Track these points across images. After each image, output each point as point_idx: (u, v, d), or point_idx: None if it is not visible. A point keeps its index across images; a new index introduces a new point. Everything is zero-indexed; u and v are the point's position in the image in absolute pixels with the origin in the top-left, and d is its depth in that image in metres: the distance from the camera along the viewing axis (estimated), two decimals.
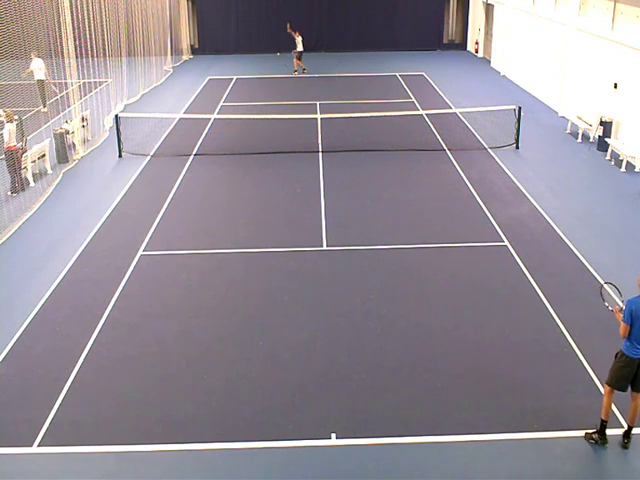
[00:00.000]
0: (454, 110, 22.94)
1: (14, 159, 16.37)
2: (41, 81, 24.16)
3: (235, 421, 8.65)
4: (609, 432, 8.25)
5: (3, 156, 17.01)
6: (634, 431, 8.31)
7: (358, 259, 13.01)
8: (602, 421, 8.14)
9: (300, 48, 30.94)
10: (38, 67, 23.89)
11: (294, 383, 9.37)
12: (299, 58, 31.04)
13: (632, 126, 18.55)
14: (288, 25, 31.53)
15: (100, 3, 23.76)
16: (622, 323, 7.89)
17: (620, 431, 8.33)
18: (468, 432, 8.38)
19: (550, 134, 21.31)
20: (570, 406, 8.82)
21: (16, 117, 17.72)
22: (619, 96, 19.38)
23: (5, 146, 16.42)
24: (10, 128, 16.38)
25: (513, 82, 28.93)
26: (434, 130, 21.59)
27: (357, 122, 22.11)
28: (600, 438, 8.15)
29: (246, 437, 8.37)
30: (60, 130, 18.83)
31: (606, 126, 19.23)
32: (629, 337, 7.84)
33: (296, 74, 30.89)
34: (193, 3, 36.80)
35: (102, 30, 23.92)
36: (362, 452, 8.10)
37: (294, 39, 30.80)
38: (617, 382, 7.99)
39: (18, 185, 16.56)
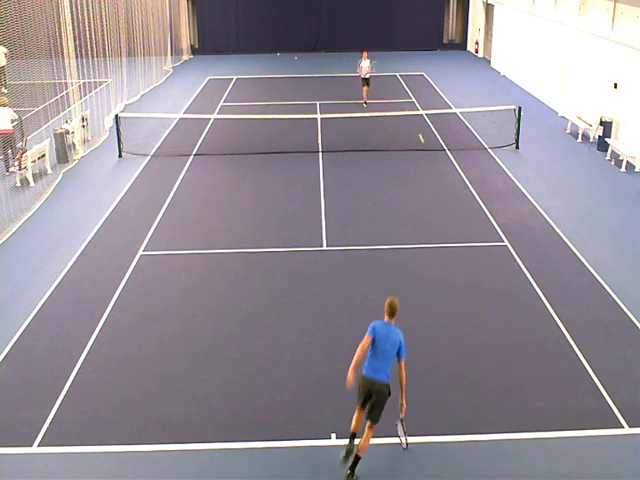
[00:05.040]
0: (454, 110, 22.94)
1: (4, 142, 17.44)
2: (2, 67, 26.42)
3: (235, 421, 8.66)
4: (612, 432, 8.32)
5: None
6: (632, 431, 8.32)
7: (358, 259, 13.00)
8: (351, 433, 7.82)
9: (363, 72, 24.77)
10: (3, 52, 26.09)
11: (294, 383, 9.38)
12: (364, 85, 24.96)
13: (632, 126, 18.55)
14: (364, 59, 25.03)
15: (100, 3, 23.76)
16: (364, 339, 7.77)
17: (619, 431, 8.35)
18: (468, 432, 8.39)
19: (550, 134, 21.30)
20: (570, 406, 8.82)
21: (16, 116, 17.84)
22: (619, 96, 19.38)
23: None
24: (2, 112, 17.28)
25: (513, 82, 28.93)
26: (434, 130, 21.59)
27: (357, 122, 22.10)
28: (347, 453, 7.69)
29: (246, 437, 8.37)
30: (60, 130, 18.83)
31: (606, 126, 19.22)
32: (369, 356, 7.77)
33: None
34: (193, 3, 36.80)
35: (102, 30, 23.92)
36: None
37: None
38: (358, 398, 7.81)
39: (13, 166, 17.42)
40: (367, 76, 24.66)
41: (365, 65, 24.62)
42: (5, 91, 25.95)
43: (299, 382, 9.40)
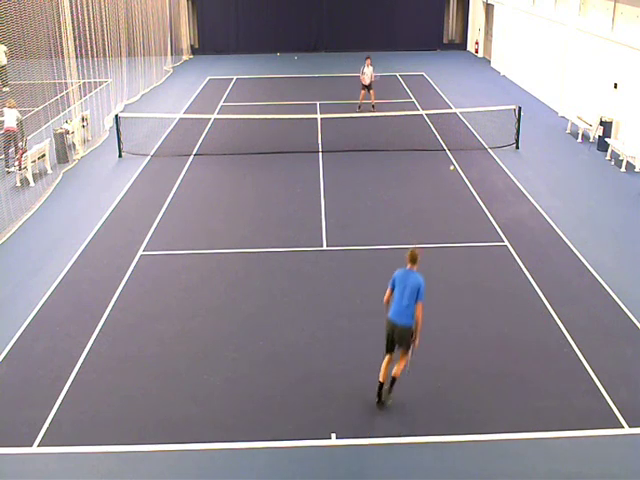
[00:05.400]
0: (454, 110, 22.93)
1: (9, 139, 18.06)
2: (3, 66, 26.90)
3: (235, 421, 8.66)
4: (612, 432, 8.34)
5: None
6: (632, 431, 8.33)
7: (358, 259, 13.00)
8: (379, 383, 8.88)
9: (366, 80, 24.03)
10: (3, 51, 26.56)
11: (294, 383, 9.38)
12: (365, 88, 24.26)
13: (632, 126, 18.55)
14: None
15: (100, 3, 23.76)
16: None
17: (619, 431, 8.35)
18: (468, 432, 8.39)
19: (550, 134, 21.30)
20: (570, 406, 8.82)
21: (19, 116, 17.95)
22: (619, 96, 19.38)
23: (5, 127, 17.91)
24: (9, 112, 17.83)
25: (513, 82, 28.93)
26: (434, 130, 21.59)
27: (357, 122, 22.10)
28: (377, 396, 8.85)
29: (246, 437, 8.37)
30: (60, 130, 18.83)
31: (606, 126, 19.23)
32: (394, 300, 8.75)
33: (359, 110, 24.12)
34: (193, 3, 36.80)
35: (102, 30, 23.92)
36: (362, 452, 8.10)
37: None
38: (386, 345, 8.85)
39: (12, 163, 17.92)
40: (368, 83, 23.81)
41: (368, 72, 23.74)
42: (6, 89, 26.14)
43: (299, 382, 9.40)
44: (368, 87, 24.04)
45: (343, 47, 36.46)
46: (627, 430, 8.37)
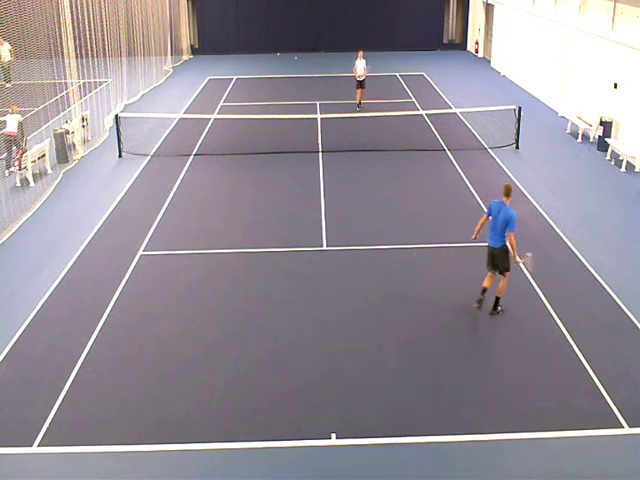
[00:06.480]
0: (454, 110, 22.94)
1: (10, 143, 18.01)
2: (8, 62, 27.47)
3: (235, 421, 8.66)
4: (612, 432, 8.36)
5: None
6: (632, 431, 8.35)
7: (358, 259, 13.00)
8: (482, 288, 10.84)
9: (358, 73, 23.74)
10: (7, 49, 27.07)
11: (294, 383, 9.38)
12: (360, 86, 24.02)
13: (632, 126, 18.55)
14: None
15: (100, 3, 23.75)
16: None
17: (619, 431, 8.35)
18: (468, 432, 8.38)
19: (550, 134, 21.30)
20: (570, 406, 8.82)
21: (21, 119, 17.97)
22: (619, 96, 19.38)
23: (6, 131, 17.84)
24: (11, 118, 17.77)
25: (513, 82, 28.93)
26: (434, 130, 21.59)
27: (357, 122, 22.10)
28: (478, 301, 10.76)
29: (246, 437, 8.37)
30: (60, 130, 18.83)
31: (606, 126, 19.22)
32: (490, 229, 10.65)
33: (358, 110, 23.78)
34: (193, 3, 36.79)
35: (102, 30, 23.92)
36: (362, 452, 8.10)
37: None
38: (487, 264, 10.82)
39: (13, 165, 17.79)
40: (363, 78, 23.64)
41: (360, 65, 23.59)
42: (9, 86, 26.32)
43: (299, 382, 9.40)
44: (361, 83, 23.81)
45: (343, 47, 36.38)
46: (627, 430, 8.38)
